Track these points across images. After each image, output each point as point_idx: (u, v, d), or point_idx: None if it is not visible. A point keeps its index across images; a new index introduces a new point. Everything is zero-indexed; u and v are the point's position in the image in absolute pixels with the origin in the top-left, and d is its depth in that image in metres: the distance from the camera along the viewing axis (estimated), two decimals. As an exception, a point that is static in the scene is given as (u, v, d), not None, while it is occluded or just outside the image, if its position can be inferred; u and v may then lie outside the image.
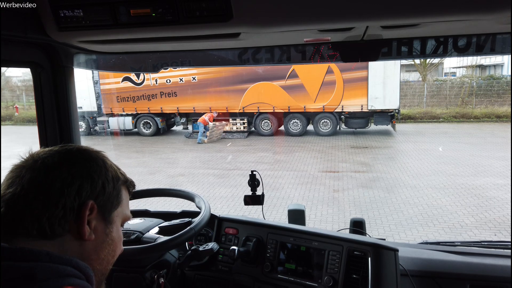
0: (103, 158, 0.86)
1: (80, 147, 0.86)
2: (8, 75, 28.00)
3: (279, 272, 1.61)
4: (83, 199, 0.76)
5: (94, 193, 0.78)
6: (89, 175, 0.79)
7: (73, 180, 0.76)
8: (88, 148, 0.87)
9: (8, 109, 24.87)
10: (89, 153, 0.85)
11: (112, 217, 0.83)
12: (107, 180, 0.82)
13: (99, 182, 0.80)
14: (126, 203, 0.89)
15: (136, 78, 17.39)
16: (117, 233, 0.85)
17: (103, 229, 0.81)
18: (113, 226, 0.83)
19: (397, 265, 1.47)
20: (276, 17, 1.06)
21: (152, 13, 1.06)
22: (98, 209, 0.79)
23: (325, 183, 9.12)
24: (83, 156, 0.82)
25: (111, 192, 0.82)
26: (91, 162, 0.82)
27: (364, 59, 1.40)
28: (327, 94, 16.23)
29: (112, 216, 0.83)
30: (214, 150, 14.26)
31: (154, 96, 17.56)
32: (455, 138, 15.00)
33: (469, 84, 22.15)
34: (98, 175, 0.81)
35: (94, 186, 0.79)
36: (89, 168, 0.80)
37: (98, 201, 0.79)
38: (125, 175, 0.90)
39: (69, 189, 0.75)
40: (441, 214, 6.83)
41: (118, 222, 0.86)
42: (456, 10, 0.97)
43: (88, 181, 0.78)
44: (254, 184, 1.85)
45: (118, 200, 0.85)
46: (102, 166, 0.83)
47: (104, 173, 0.82)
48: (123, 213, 0.88)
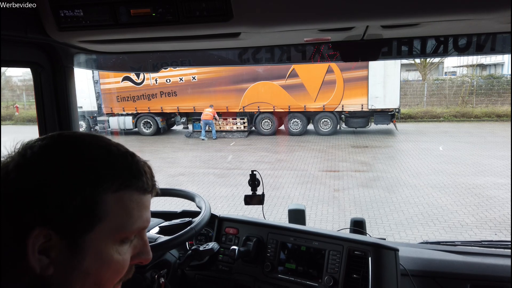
0: (79, 149, 0.63)
1: (58, 136, 0.66)
2: (9, 75, 28.05)
3: (280, 272, 1.61)
4: (27, 226, 0.57)
5: (44, 216, 0.57)
6: (40, 185, 0.58)
7: (16, 199, 0.58)
8: (68, 136, 0.66)
9: (9, 109, 24.88)
10: (56, 147, 0.63)
11: (85, 241, 0.60)
12: (71, 191, 0.59)
13: (53, 197, 0.58)
14: (123, 213, 0.64)
15: (136, 78, 17.39)
16: (98, 261, 0.62)
17: (68, 259, 0.60)
18: (87, 253, 0.60)
19: (397, 265, 1.47)
20: (276, 17, 1.05)
21: (152, 13, 1.06)
22: (58, 235, 0.58)
23: (325, 183, 9.12)
24: (43, 155, 0.61)
25: (79, 207, 0.59)
26: (51, 164, 0.60)
27: (364, 59, 1.39)
28: (327, 93, 16.22)
29: (86, 240, 0.60)
30: (214, 150, 14.27)
31: (154, 96, 17.56)
32: (455, 137, 15.00)
33: (469, 83, 22.14)
34: (54, 187, 0.58)
35: (44, 206, 0.57)
36: (45, 174, 0.59)
37: (54, 225, 0.58)
38: (134, 173, 0.66)
39: (12, 209, 0.58)
40: (442, 213, 6.84)
41: (102, 245, 0.62)
42: (456, 9, 0.97)
43: (36, 195, 0.58)
44: (254, 184, 1.85)
45: (96, 215, 0.60)
46: (70, 167, 0.60)
47: (69, 181, 0.59)
48: (117, 227, 0.63)
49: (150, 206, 0.72)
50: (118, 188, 0.63)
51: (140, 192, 0.66)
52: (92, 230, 0.60)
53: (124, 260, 0.66)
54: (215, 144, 15.55)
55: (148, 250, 0.71)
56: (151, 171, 0.71)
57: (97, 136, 0.68)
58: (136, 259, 0.70)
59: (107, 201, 0.61)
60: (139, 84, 17.56)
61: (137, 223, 0.66)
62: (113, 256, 0.64)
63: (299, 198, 8.04)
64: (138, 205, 0.66)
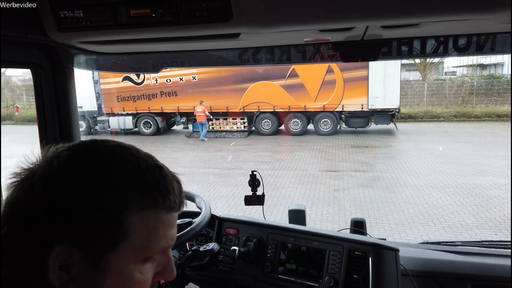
0: (107, 163, 0.61)
1: (86, 146, 0.64)
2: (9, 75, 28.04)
3: (280, 272, 1.61)
4: (49, 242, 0.56)
5: (67, 233, 0.56)
6: (64, 200, 0.56)
7: (41, 212, 0.56)
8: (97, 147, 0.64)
9: (9, 109, 24.88)
10: (83, 159, 0.61)
11: (106, 260, 0.58)
12: (96, 208, 0.57)
13: (78, 213, 0.56)
14: (148, 233, 0.61)
15: (136, 78, 17.40)
16: (119, 280, 0.60)
17: (89, 277, 0.58)
18: (108, 272, 0.59)
19: (397, 265, 1.47)
20: (276, 17, 1.05)
21: (152, 13, 1.06)
22: (80, 252, 0.57)
23: (325, 183, 9.12)
24: (70, 167, 0.59)
25: (103, 225, 0.57)
26: (76, 178, 0.58)
27: (364, 59, 1.39)
28: (327, 93, 16.22)
29: (108, 259, 0.58)
30: (214, 150, 14.26)
31: (154, 96, 17.56)
32: (455, 137, 15.00)
33: (469, 83, 22.14)
34: (79, 204, 0.56)
35: (67, 222, 0.56)
36: (70, 188, 0.57)
37: (77, 243, 0.56)
38: (161, 191, 0.63)
39: (34, 224, 0.56)
40: (442, 213, 6.84)
41: (124, 264, 0.60)
42: (456, 9, 0.97)
43: (60, 211, 0.56)
44: (255, 184, 1.85)
45: (120, 234, 0.58)
46: (96, 182, 0.58)
47: (93, 198, 0.57)
48: (141, 247, 0.61)
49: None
50: (144, 207, 0.60)
51: (166, 210, 0.64)
52: (115, 249, 0.58)
53: (146, 279, 0.64)
54: (215, 144, 15.55)
55: (172, 268, 0.69)
56: (179, 186, 0.68)
57: (126, 147, 0.66)
58: (158, 276, 0.67)
59: (132, 220, 0.59)
60: (139, 84, 17.56)
61: (162, 243, 0.64)
62: (134, 275, 0.61)
63: (299, 198, 8.04)
64: (163, 224, 0.64)
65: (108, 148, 0.64)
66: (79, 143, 0.64)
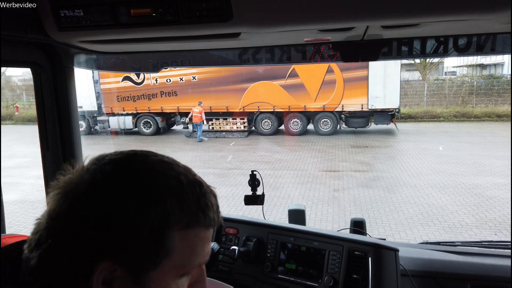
0: (150, 180, 0.60)
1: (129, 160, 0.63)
2: (9, 75, 28.04)
3: (280, 272, 1.61)
4: (93, 258, 0.57)
5: (111, 249, 0.57)
6: (109, 218, 0.56)
7: (86, 228, 0.57)
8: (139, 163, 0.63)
9: (9, 109, 24.88)
10: (127, 175, 0.60)
11: (148, 277, 0.59)
12: (141, 228, 0.57)
13: (122, 231, 0.56)
14: (188, 250, 0.62)
15: (136, 78, 17.39)
16: None
17: None
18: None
19: (397, 265, 1.47)
20: (276, 17, 1.05)
21: (152, 13, 1.06)
22: (123, 268, 0.58)
23: (325, 183, 9.12)
24: (114, 184, 0.59)
25: (146, 243, 0.58)
26: (121, 195, 0.58)
27: (364, 59, 1.39)
28: (327, 93, 16.22)
29: (149, 276, 0.59)
30: (214, 150, 14.27)
31: (154, 96, 17.55)
32: (455, 137, 15.00)
33: (469, 83, 22.13)
34: (124, 221, 0.57)
35: (112, 239, 0.56)
36: (114, 205, 0.57)
37: (120, 259, 0.57)
38: (202, 208, 0.63)
39: (78, 240, 0.57)
40: (441, 213, 6.84)
41: (164, 280, 0.61)
42: (456, 10, 0.97)
43: (105, 228, 0.56)
44: (255, 184, 1.85)
45: (162, 252, 0.59)
46: (140, 200, 0.58)
47: (138, 215, 0.57)
48: (181, 264, 0.62)
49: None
50: (185, 226, 0.61)
51: (205, 227, 0.64)
52: (157, 267, 0.59)
53: None
54: (215, 144, 15.54)
55: (204, 279, 0.70)
56: (216, 201, 0.68)
57: (168, 162, 0.65)
58: (191, 287, 0.69)
59: (174, 238, 0.60)
60: (139, 84, 17.55)
61: (199, 259, 0.65)
62: None
63: (299, 198, 8.04)
64: (202, 241, 0.64)
65: (151, 163, 0.64)
66: (121, 156, 0.64)
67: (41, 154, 1.54)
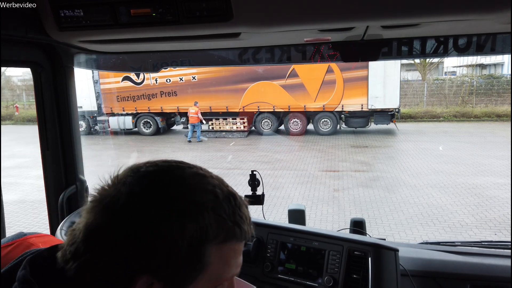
0: (188, 194, 0.60)
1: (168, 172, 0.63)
2: (8, 75, 28.03)
3: (279, 272, 1.61)
4: (132, 272, 0.57)
5: (151, 263, 0.57)
6: (148, 232, 0.56)
7: (125, 242, 0.56)
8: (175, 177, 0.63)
9: (8, 109, 24.87)
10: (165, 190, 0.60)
11: None
12: (180, 243, 0.57)
13: (161, 246, 0.56)
14: (222, 264, 0.63)
15: (136, 78, 17.39)
16: None
17: None
18: None
19: (397, 265, 1.47)
20: (276, 17, 1.05)
21: (152, 13, 1.06)
22: (161, 282, 0.58)
23: (325, 183, 9.12)
24: (154, 197, 0.59)
25: (185, 258, 0.58)
26: (160, 210, 0.57)
27: (364, 59, 1.39)
28: (327, 93, 16.22)
29: None
30: (214, 150, 14.26)
31: (154, 96, 17.55)
32: (455, 137, 15.00)
33: (469, 83, 22.13)
34: (164, 236, 0.56)
35: (152, 253, 0.56)
36: (153, 221, 0.56)
37: (159, 274, 0.57)
38: (237, 222, 0.63)
39: (118, 254, 0.56)
40: (441, 213, 6.84)
41: None
42: (457, 10, 0.97)
43: (144, 243, 0.56)
44: (254, 184, 1.85)
45: (199, 267, 0.59)
46: (179, 215, 0.57)
47: (178, 230, 0.57)
48: (216, 278, 0.63)
49: None
50: (223, 240, 0.61)
51: (239, 241, 0.65)
52: (194, 281, 0.60)
53: None
54: (215, 144, 15.54)
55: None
56: (249, 213, 0.68)
57: (203, 175, 0.65)
58: None
59: (210, 253, 0.60)
60: (139, 84, 17.55)
61: (233, 271, 0.65)
62: None
63: (299, 198, 8.04)
64: (235, 253, 0.65)
65: (187, 176, 0.64)
66: (157, 168, 0.64)
67: (41, 154, 1.54)
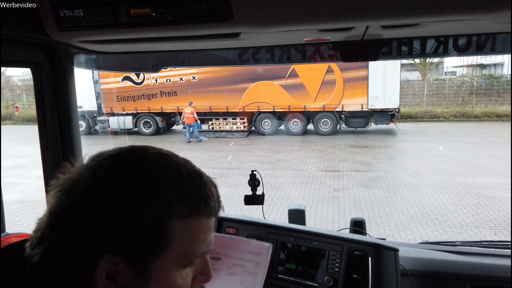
0: (150, 172, 0.61)
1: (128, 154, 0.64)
2: (8, 74, 28.03)
3: (279, 272, 1.61)
4: (96, 253, 0.57)
5: (114, 245, 0.57)
6: (110, 211, 0.57)
7: (87, 223, 0.57)
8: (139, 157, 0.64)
9: (8, 108, 24.87)
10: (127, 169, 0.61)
11: (151, 267, 0.60)
12: (141, 218, 0.58)
13: (123, 224, 0.57)
14: (190, 239, 0.63)
15: (136, 78, 17.39)
16: (163, 286, 0.62)
17: (134, 285, 0.60)
18: (153, 279, 0.60)
19: (397, 265, 1.47)
20: (276, 17, 1.05)
21: (152, 13, 1.06)
22: (126, 261, 0.58)
23: (325, 183, 9.12)
24: (114, 178, 0.60)
25: (148, 235, 0.58)
26: (121, 189, 0.58)
27: (364, 59, 1.39)
28: (327, 93, 16.22)
29: (152, 267, 0.60)
30: (214, 150, 14.27)
31: (154, 96, 17.55)
32: (455, 137, 15.00)
33: (469, 83, 22.13)
34: (126, 216, 0.57)
35: (115, 235, 0.57)
36: (115, 199, 0.58)
37: (122, 252, 0.58)
38: (202, 198, 0.64)
39: (81, 237, 0.57)
40: (441, 213, 6.84)
41: (168, 271, 0.61)
42: (457, 10, 0.97)
43: (106, 222, 0.57)
44: (254, 184, 1.85)
45: (164, 242, 0.60)
46: (140, 192, 0.59)
47: (140, 209, 0.58)
48: (183, 254, 0.63)
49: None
50: (187, 215, 0.62)
51: (206, 216, 0.65)
52: (159, 257, 0.60)
53: (187, 283, 0.66)
54: (215, 144, 15.54)
55: (209, 271, 0.70)
56: (217, 191, 0.69)
57: (166, 154, 0.66)
58: (196, 279, 0.69)
59: (175, 228, 0.60)
60: (139, 84, 17.55)
61: (202, 248, 0.66)
62: (177, 281, 0.63)
63: (299, 198, 8.04)
64: (203, 230, 0.65)
65: (149, 157, 0.64)
66: (119, 152, 0.65)
67: (41, 154, 1.54)
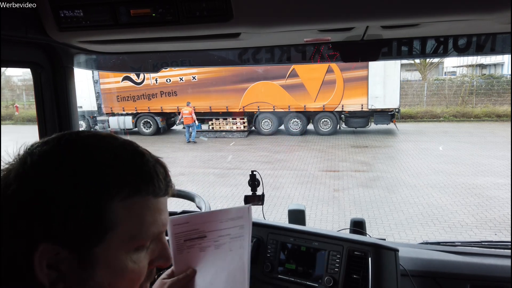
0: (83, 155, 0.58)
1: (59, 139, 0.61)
2: (8, 74, 28.04)
3: (280, 272, 1.61)
4: (31, 242, 0.54)
5: (50, 231, 0.54)
6: (41, 197, 0.54)
7: (18, 212, 0.55)
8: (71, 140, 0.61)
9: (8, 109, 24.87)
10: (58, 153, 0.59)
11: (95, 253, 0.57)
12: (75, 202, 0.55)
13: (56, 210, 0.54)
14: (135, 221, 0.60)
15: (136, 78, 17.40)
16: (112, 272, 0.59)
17: (79, 272, 0.57)
18: (98, 265, 0.58)
19: (397, 265, 1.47)
20: (276, 17, 1.05)
21: (152, 13, 1.06)
22: (65, 249, 0.56)
23: (325, 183, 9.12)
24: (44, 163, 0.57)
25: (84, 220, 0.55)
26: (52, 173, 0.56)
27: (364, 59, 1.39)
28: (327, 93, 16.23)
29: (96, 252, 0.57)
30: (214, 150, 14.27)
31: (154, 96, 17.56)
32: (455, 137, 15.00)
33: (469, 83, 22.13)
34: (58, 201, 0.54)
35: (49, 220, 0.54)
36: (46, 184, 0.55)
37: (60, 240, 0.55)
38: (144, 178, 0.61)
39: (14, 224, 0.55)
40: (441, 213, 6.84)
41: (114, 255, 0.59)
42: (456, 10, 0.97)
43: (39, 209, 0.54)
44: (254, 184, 1.85)
45: (104, 226, 0.57)
46: (72, 176, 0.56)
47: (73, 193, 0.55)
48: (129, 236, 0.60)
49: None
50: (127, 196, 0.58)
51: (152, 196, 0.62)
52: (102, 241, 0.57)
53: (140, 267, 0.63)
54: (215, 144, 15.54)
55: (167, 255, 0.69)
56: (164, 170, 0.66)
57: (103, 136, 0.64)
58: (155, 263, 0.67)
59: (115, 210, 0.57)
60: (139, 84, 17.56)
61: (151, 229, 0.63)
62: (127, 265, 0.60)
63: (299, 198, 8.04)
64: (151, 211, 0.62)
65: (83, 140, 0.62)
66: (53, 137, 0.62)
67: None
